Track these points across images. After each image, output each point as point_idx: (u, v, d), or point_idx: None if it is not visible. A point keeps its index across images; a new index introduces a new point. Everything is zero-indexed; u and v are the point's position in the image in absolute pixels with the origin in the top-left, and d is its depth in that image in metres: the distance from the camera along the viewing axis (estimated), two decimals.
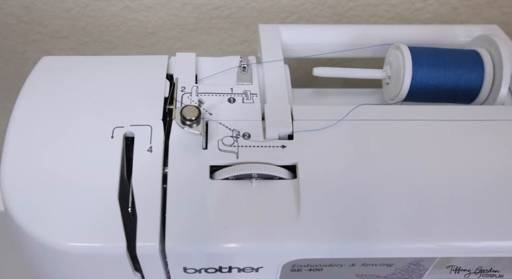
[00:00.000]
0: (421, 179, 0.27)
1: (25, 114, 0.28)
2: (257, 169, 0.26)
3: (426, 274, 0.28)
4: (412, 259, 0.27)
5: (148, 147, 0.27)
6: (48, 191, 0.25)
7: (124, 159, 0.27)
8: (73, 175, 0.26)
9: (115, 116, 0.28)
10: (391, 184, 0.27)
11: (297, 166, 0.27)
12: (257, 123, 0.29)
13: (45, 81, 0.30)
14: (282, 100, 0.30)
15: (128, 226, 0.24)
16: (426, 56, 0.32)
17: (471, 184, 0.27)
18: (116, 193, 0.25)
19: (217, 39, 0.46)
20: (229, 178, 0.26)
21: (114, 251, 0.24)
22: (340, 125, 0.29)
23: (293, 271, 0.27)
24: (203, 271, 0.26)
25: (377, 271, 0.28)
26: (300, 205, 0.26)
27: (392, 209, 0.26)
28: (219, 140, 0.28)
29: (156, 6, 0.43)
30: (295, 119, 0.29)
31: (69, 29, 0.45)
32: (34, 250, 0.26)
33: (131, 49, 0.47)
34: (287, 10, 0.43)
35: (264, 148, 0.27)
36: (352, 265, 0.27)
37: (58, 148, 0.27)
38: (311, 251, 0.26)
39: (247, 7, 0.43)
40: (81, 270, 0.26)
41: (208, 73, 0.32)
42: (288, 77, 0.32)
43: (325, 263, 0.27)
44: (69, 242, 0.24)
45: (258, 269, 0.26)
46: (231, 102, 0.30)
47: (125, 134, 0.27)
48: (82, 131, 0.27)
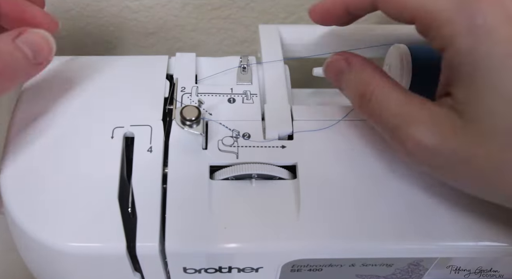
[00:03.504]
0: (421, 178, 0.27)
1: (24, 114, 0.28)
2: (257, 169, 0.26)
3: (426, 274, 0.28)
4: (412, 259, 0.27)
5: (148, 147, 0.27)
6: (48, 191, 0.25)
7: (124, 159, 0.27)
8: (73, 175, 0.26)
9: (115, 116, 0.28)
10: (392, 184, 0.27)
11: (297, 166, 0.27)
12: (257, 123, 0.29)
13: (44, 82, 0.30)
14: (282, 100, 0.30)
15: (128, 226, 0.24)
16: (426, 56, 0.32)
17: None
18: (116, 193, 0.25)
19: (217, 39, 0.46)
20: (229, 178, 0.27)
21: (114, 251, 0.24)
22: (340, 125, 0.29)
23: (293, 271, 0.27)
24: (203, 271, 0.26)
25: (377, 271, 0.28)
26: (300, 205, 0.26)
27: (392, 209, 0.26)
28: (219, 140, 0.28)
29: (156, 6, 0.43)
30: (295, 119, 0.29)
31: (69, 29, 0.45)
32: (33, 250, 0.26)
33: (131, 49, 0.47)
34: (287, 10, 0.43)
35: (264, 148, 0.27)
36: (352, 265, 0.27)
37: (58, 148, 0.27)
38: (311, 251, 0.26)
39: (247, 7, 0.43)
40: (81, 270, 0.26)
41: (208, 73, 0.32)
42: (288, 77, 0.32)
43: (325, 263, 0.27)
44: (69, 242, 0.24)
45: (258, 269, 0.26)
46: (231, 102, 0.30)
47: (125, 134, 0.27)
48: (82, 131, 0.27)
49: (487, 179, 0.21)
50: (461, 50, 0.20)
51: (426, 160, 0.22)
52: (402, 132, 0.22)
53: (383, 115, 0.23)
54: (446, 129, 0.21)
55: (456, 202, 0.26)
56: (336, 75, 0.26)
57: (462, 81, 0.21)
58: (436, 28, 0.21)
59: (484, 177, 0.21)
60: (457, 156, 0.21)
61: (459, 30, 0.20)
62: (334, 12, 0.26)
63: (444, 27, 0.21)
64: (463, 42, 0.20)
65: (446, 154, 0.21)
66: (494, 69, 0.20)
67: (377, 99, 0.24)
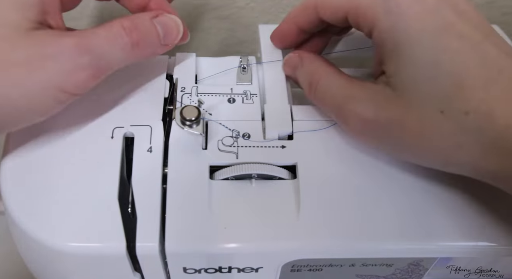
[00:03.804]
0: (421, 178, 0.27)
1: None
2: (257, 169, 0.26)
3: (426, 274, 0.28)
4: (412, 259, 0.27)
5: (148, 147, 0.27)
6: (48, 191, 0.25)
7: (124, 159, 0.27)
8: (73, 175, 0.26)
9: (115, 116, 0.28)
10: (392, 184, 0.27)
11: (297, 166, 0.27)
12: (257, 123, 0.29)
13: None
14: (282, 100, 0.30)
15: (128, 226, 0.24)
16: None
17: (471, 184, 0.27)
18: (116, 193, 0.25)
19: (217, 39, 0.46)
20: (229, 178, 0.27)
21: (113, 251, 0.24)
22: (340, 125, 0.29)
23: (293, 271, 0.27)
24: (203, 271, 0.26)
25: (377, 271, 0.28)
26: (300, 205, 0.26)
27: (392, 209, 0.26)
28: (219, 140, 0.28)
29: None
30: (295, 119, 0.29)
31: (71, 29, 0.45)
32: (33, 250, 0.26)
33: None
34: (287, 10, 0.43)
35: (264, 148, 0.27)
36: (352, 265, 0.27)
37: (58, 148, 0.27)
38: (311, 251, 0.26)
39: (247, 7, 0.43)
40: (81, 270, 0.26)
41: (208, 73, 0.32)
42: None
43: (325, 263, 0.27)
44: (69, 242, 0.24)
45: (258, 269, 0.26)
46: (231, 102, 0.30)
47: (125, 134, 0.27)
48: (81, 131, 0.27)
49: (422, 144, 0.23)
50: (383, 29, 0.24)
51: (366, 132, 0.25)
52: (344, 109, 0.25)
53: (327, 98, 0.27)
54: (381, 102, 0.24)
55: (456, 202, 0.26)
56: (292, 70, 0.30)
57: (389, 57, 0.24)
58: (362, 15, 0.24)
59: (418, 142, 0.23)
60: (392, 125, 0.24)
61: (379, 12, 0.24)
62: (290, 33, 0.30)
63: (367, 13, 0.24)
64: (383, 23, 0.24)
65: (383, 124, 0.24)
66: (410, 43, 0.23)
67: (322, 85, 0.27)
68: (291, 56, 0.30)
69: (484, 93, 0.21)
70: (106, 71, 0.25)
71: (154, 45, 0.27)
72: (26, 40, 0.23)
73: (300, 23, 0.29)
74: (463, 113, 0.22)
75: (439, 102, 0.22)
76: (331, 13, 0.27)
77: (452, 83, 0.22)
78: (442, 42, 0.22)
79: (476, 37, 0.22)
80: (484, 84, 0.22)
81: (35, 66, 0.23)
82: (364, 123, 0.25)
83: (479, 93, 0.22)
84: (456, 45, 0.22)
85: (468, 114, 0.22)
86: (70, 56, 0.23)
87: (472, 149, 0.22)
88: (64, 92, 0.24)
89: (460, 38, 0.22)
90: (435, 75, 0.22)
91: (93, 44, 0.24)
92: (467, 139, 0.22)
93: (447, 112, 0.22)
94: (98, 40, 0.24)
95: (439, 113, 0.22)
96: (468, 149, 0.22)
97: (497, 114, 0.21)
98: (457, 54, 0.22)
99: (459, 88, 0.22)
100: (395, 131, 0.24)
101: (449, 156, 0.23)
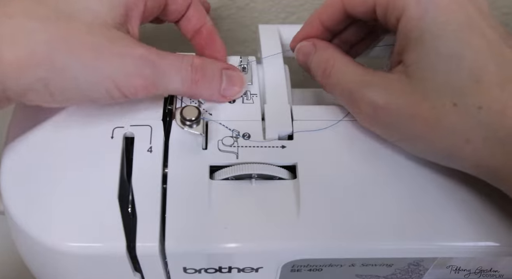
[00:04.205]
0: (421, 178, 0.27)
1: (25, 114, 0.28)
2: (257, 170, 0.26)
3: (426, 274, 0.28)
4: (412, 259, 0.27)
5: (148, 147, 0.27)
6: (48, 191, 0.25)
7: (124, 159, 0.27)
8: (73, 175, 0.26)
9: (115, 116, 0.28)
10: (391, 184, 0.27)
11: (297, 166, 0.27)
12: (257, 123, 0.29)
13: None
14: (282, 100, 0.30)
15: (128, 226, 0.24)
16: None
17: (471, 184, 0.27)
18: (116, 193, 0.25)
19: None
20: (229, 178, 0.27)
21: (114, 251, 0.24)
22: (340, 125, 0.29)
23: (293, 271, 0.27)
24: (203, 271, 0.26)
25: (377, 271, 0.28)
26: (300, 205, 0.26)
27: (392, 209, 0.26)
28: (219, 141, 0.28)
29: None
30: (295, 119, 0.29)
31: None
32: (33, 250, 0.26)
33: None
34: (287, 10, 0.43)
35: (264, 148, 0.27)
36: (352, 265, 0.27)
37: (58, 148, 0.27)
38: (311, 251, 0.26)
39: (247, 8, 0.43)
40: (81, 270, 0.26)
41: None
42: (288, 77, 0.32)
43: (325, 263, 0.27)
44: (69, 242, 0.24)
45: (258, 269, 0.26)
46: (231, 102, 0.30)
47: (125, 134, 0.27)
48: (82, 131, 0.27)
49: (430, 135, 0.24)
50: (411, 17, 0.24)
51: (377, 118, 0.25)
52: (356, 94, 0.26)
53: (341, 84, 0.27)
54: (395, 90, 0.25)
55: (456, 202, 0.26)
56: (304, 57, 0.30)
57: (412, 46, 0.24)
58: (392, 3, 0.25)
59: (427, 132, 0.24)
60: (403, 113, 0.24)
61: (409, 2, 0.24)
62: (314, 32, 0.30)
63: (397, 2, 0.25)
64: (412, 11, 0.24)
65: (394, 112, 0.24)
66: (437, 33, 0.23)
67: (337, 71, 0.27)
68: (304, 44, 0.30)
69: (499, 91, 0.22)
70: (158, 90, 0.26)
71: (213, 91, 0.28)
72: (103, 31, 0.25)
73: (325, 20, 0.29)
74: (476, 107, 0.22)
75: (453, 94, 0.23)
76: (359, 5, 0.27)
77: (469, 77, 0.23)
78: (465, 37, 0.23)
79: (495, 38, 0.23)
80: (500, 83, 0.22)
81: (103, 57, 0.24)
82: (375, 109, 0.25)
83: (494, 90, 0.22)
84: (477, 42, 0.23)
85: (481, 109, 0.22)
86: (136, 62, 0.25)
87: (478, 145, 0.23)
88: (118, 89, 0.25)
89: (482, 36, 0.23)
90: (455, 68, 0.23)
91: (159, 63, 0.26)
92: (476, 133, 0.22)
93: (460, 105, 0.23)
94: (165, 62, 0.26)
95: (452, 105, 0.23)
96: (474, 144, 0.23)
97: (509, 113, 0.22)
98: (478, 50, 0.23)
99: (475, 83, 0.22)
100: (405, 120, 0.24)
101: (455, 150, 0.23)
